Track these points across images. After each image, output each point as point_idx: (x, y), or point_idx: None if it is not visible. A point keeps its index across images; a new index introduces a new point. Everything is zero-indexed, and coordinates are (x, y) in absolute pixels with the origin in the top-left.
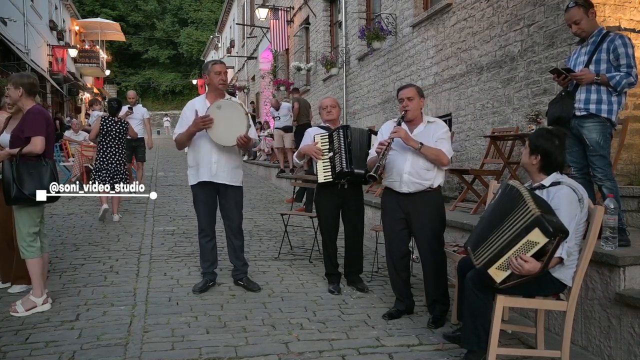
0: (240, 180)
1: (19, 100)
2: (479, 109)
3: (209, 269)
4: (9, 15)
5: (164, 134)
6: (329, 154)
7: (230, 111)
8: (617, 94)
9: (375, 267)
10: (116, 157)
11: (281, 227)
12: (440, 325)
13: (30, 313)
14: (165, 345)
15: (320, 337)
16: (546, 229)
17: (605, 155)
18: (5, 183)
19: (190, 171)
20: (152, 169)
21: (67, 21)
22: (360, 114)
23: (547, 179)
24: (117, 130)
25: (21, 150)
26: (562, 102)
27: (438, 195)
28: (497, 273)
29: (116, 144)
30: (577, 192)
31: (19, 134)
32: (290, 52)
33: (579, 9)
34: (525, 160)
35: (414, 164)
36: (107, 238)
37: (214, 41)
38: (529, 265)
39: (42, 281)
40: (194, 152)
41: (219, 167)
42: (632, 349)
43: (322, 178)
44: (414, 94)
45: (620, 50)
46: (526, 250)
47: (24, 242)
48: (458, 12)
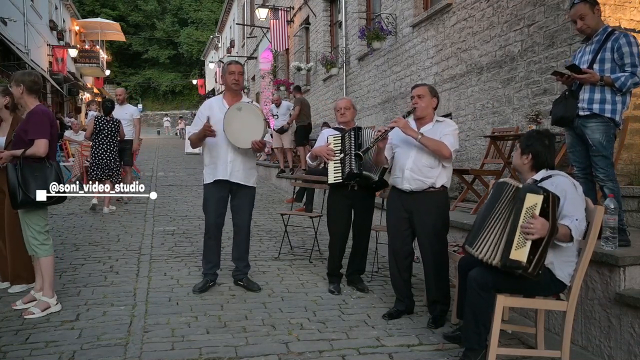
0: (253, 180)
1: (20, 99)
2: (479, 109)
3: (211, 270)
4: (9, 15)
5: (164, 134)
6: (340, 155)
7: (250, 115)
8: (621, 94)
9: (375, 267)
10: (107, 154)
11: (281, 227)
12: (440, 325)
13: (46, 313)
14: (165, 345)
15: (320, 337)
16: (534, 189)
17: (608, 155)
18: (10, 187)
19: (207, 170)
20: (152, 169)
21: (67, 21)
22: (361, 114)
23: (537, 174)
24: (109, 128)
25: (25, 153)
26: (565, 101)
27: (442, 196)
28: (519, 253)
29: (108, 141)
30: (568, 178)
31: (22, 135)
32: (290, 52)
33: (585, 4)
34: (517, 161)
35: (417, 161)
36: (107, 238)
37: (214, 41)
38: (537, 222)
39: (52, 280)
40: (210, 151)
41: (235, 167)
42: (632, 349)
43: (332, 179)
44: (425, 93)
45: (624, 49)
46: (530, 217)
47: (36, 240)
48: (458, 12)
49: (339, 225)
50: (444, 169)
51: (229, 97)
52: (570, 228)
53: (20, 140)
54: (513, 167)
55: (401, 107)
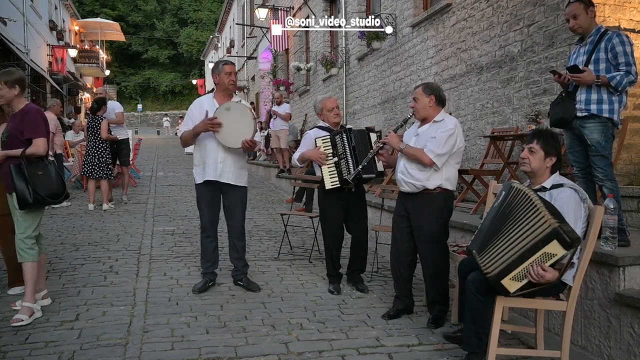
0: (245, 180)
1: (13, 100)
2: (479, 109)
3: (210, 269)
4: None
5: (163, 134)
6: (333, 158)
7: (239, 114)
8: (618, 93)
9: (375, 267)
10: (94, 151)
11: (281, 227)
12: (440, 325)
13: (34, 318)
14: (164, 345)
15: (320, 337)
16: (564, 240)
17: (607, 155)
18: (18, 188)
19: (196, 170)
20: (152, 169)
21: (67, 21)
22: (360, 113)
23: (548, 181)
24: (94, 127)
25: (24, 153)
26: (563, 103)
27: (440, 198)
28: (512, 284)
29: (94, 140)
30: (579, 193)
31: (17, 134)
32: (290, 52)
33: (580, 4)
34: (539, 164)
35: (406, 164)
36: (106, 238)
37: (214, 41)
38: (549, 275)
39: (34, 286)
40: (200, 150)
41: (225, 167)
42: (632, 349)
43: (330, 184)
44: (419, 94)
45: (618, 48)
46: (543, 261)
47: (24, 244)
48: (458, 12)
49: (334, 227)
50: (437, 170)
51: (220, 96)
52: (574, 263)
53: (15, 140)
54: (530, 170)
55: (401, 107)
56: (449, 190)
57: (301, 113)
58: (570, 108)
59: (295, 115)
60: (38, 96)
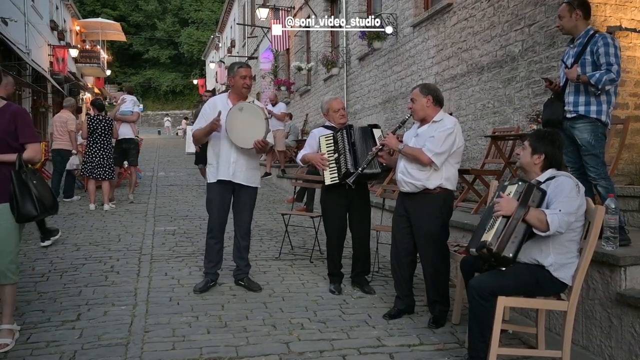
0: (257, 181)
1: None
2: (480, 108)
3: (212, 270)
4: (10, 15)
5: (164, 134)
6: (334, 155)
7: (251, 115)
8: (605, 94)
9: (375, 267)
10: (100, 152)
11: (282, 227)
12: (441, 325)
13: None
14: (166, 345)
15: (321, 337)
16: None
17: (598, 154)
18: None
19: (210, 169)
20: (153, 169)
21: (68, 21)
22: (361, 113)
23: (543, 175)
24: (102, 128)
25: (21, 159)
26: (551, 105)
27: (440, 198)
28: (487, 235)
29: (101, 141)
30: (572, 179)
31: (7, 137)
32: (290, 52)
33: (567, 6)
34: (527, 160)
35: (406, 164)
36: (107, 238)
37: (215, 41)
38: (503, 200)
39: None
40: (213, 150)
41: (237, 167)
42: (633, 349)
43: (329, 180)
44: (416, 95)
45: (601, 50)
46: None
47: (13, 264)
48: (459, 11)
49: (336, 226)
50: (437, 170)
51: (234, 98)
52: (545, 214)
53: (5, 144)
54: (520, 165)
55: (402, 107)
56: (449, 190)
57: (302, 113)
58: (557, 109)
59: (295, 115)
60: (39, 96)
